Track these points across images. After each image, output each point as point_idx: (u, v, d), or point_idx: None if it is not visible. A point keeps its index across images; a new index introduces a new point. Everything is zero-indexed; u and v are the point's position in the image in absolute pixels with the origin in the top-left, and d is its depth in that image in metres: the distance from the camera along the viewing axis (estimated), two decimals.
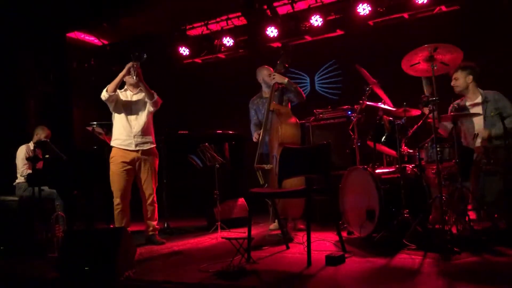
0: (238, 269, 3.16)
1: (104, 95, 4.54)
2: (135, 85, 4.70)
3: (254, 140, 5.23)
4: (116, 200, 4.56)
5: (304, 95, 5.10)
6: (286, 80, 4.97)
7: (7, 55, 7.15)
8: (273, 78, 4.99)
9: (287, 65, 5.07)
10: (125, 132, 4.63)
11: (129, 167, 4.60)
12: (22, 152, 5.55)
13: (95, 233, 3.73)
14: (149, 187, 4.69)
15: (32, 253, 4.48)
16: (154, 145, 4.80)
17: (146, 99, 4.65)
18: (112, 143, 4.68)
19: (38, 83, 7.56)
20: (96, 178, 4.90)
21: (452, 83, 4.44)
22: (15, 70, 7.32)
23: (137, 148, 4.63)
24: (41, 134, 5.66)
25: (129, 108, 4.68)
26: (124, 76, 4.57)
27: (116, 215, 4.58)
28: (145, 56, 4.52)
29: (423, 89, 4.25)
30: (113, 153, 4.64)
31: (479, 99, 4.35)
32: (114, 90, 4.54)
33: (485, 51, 5.56)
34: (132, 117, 4.67)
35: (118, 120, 4.68)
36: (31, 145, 5.65)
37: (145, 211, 4.74)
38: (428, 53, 3.68)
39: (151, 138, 4.77)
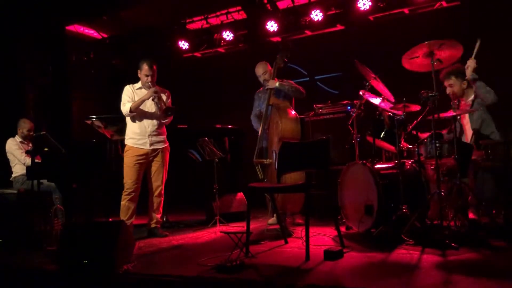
0: (236, 263, 3.16)
1: (127, 113, 4.66)
2: (152, 85, 4.71)
3: (256, 129, 5.25)
4: (127, 191, 4.63)
5: (304, 91, 5.09)
6: (277, 84, 4.99)
7: (6, 48, 7.13)
8: (267, 85, 5.05)
9: (286, 60, 5.08)
10: (140, 131, 4.71)
11: (142, 160, 4.70)
12: (12, 145, 5.53)
13: (94, 226, 3.73)
14: (158, 179, 4.79)
15: (30, 246, 4.48)
16: (167, 144, 4.90)
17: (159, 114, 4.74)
18: (126, 142, 4.76)
19: (37, 76, 7.54)
20: (95, 171, 4.89)
21: (448, 91, 4.37)
22: (14, 63, 7.31)
23: (152, 147, 4.74)
24: (23, 127, 5.64)
25: (144, 108, 4.73)
26: (145, 100, 4.66)
27: (122, 206, 4.63)
28: (174, 110, 4.71)
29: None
30: (127, 147, 4.73)
31: (472, 97, 4.36)
32: (136, 109, 4.66)
33: (485, 47, 5.53)
34: (147, 116, 4.75)
35: (133, 119, 4.74)
36: (17, 138, 5.63)
37: (151, 202, 4.82)
38: (430, 49, 3.67)
39: (164, 137, 4.87)
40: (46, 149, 4.98)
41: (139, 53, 7.66)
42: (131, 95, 4.73)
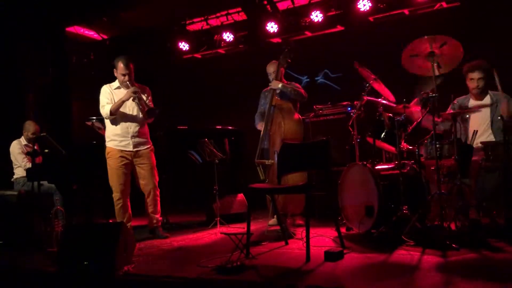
0: (237, 265, 3.16)
1: (107, 115, 4.52)
2: (130, 84, 4.58)
3: (258, 128, 5.25)
4: (117, 196, 4.55)
5: (306, 95, 5.10)
6: (280, 85, 4.99)
7: (6, 49, 7.14)
8: (270, 85, 5.06)
9: (289, 60, 5.10)
10: (121, 133, 4.58)
11: (127, 161, 4.59)
12: (16, 148, 5.55)
13: (94, 228, 3.74)
14: (150, 182, 4.70)
15: (31, 247, 4.49)
16: (151, 144, 4.79)
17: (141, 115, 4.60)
18: (108, 144, 4.62)
19: (37, 77, 7.55)
20: (95, 173, 4.89)
21: (473, 84, 4.31)
22: (14, 64, 7.31)
23: (135, 149, 4.63)
24: (28, 130, 5.64)
25: (125, 108, 4.60)
26: (125, 101, 4.51)
27: (117, 211, 4.58)
28: (157, 111, 4.56)
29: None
30: (109, 149, 4.60)
31: (487, 100, 4.33)
32: (116, 111, 4.53)
33: (486, 47, 5.54)
34: (128, 117, 4.62)
35: (113, 121, 4.60)
36: (22, 140, 5.64)
37: (148, 205, 4.75)
38: (431, 45, 3.68)
39: (147, 138, 4.77)
40: (46, 150, 4.99)
41: (139, 54, 7.67)
42: (109, 96, 4.58)
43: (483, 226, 3.79)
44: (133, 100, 4.51)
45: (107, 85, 4.69)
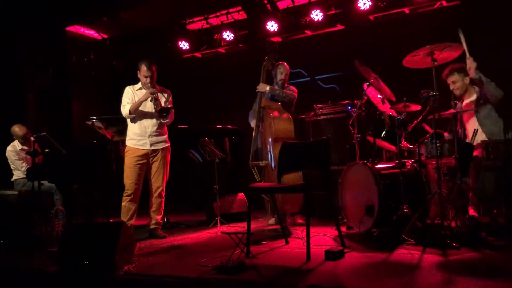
0: (237, 264, 3.16)
1: (126, 115, 4.66)
2: (151, 86, 4.68)
3: (252, 125, 5.28)
4: (127, 192, 4.62)
5: (295, 94, 5.12)
6: (267, 88, 5.05)
7: (6, 49, 7.14)
8: (257, 88, 5.11)
9: (274, 61, 5.13)
10: (140, 132, 4.69)
11: (143, 161, 4.68)
12: (11, 154, 5.54)
13: (94, 227, 3.74)
14: (158, 180, 4.76)
15: (31, 247, 4.48)
16: (168, 144, 4.87)
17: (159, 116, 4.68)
18: (127, 143, 4.74)
19: (37, 77, 7.55)
20: (95, 173, 4.89)
21: (452, 87, 4.44)
22: (15, 64, 7.31)
23: (152, 148, 4.71)
24: (17, 136, 5.62)
25: (145, 108, 4.70)
26: (143, 101, 4.62)
27: (123, 207, 4.62)
28: (168, 111, 4.64)
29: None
30: (127, 148, 4.73)
31: (474, 97, 4.37)
32: (135, 111, 4.64)
33: (486, 46, 5.54)
34: (147, 117, 4.72)
35: (133, 120, 4.73)
36: (17, 144, 5.62)
37: (151, 203, 4.80)
38: (433, 51, 3.69)
39: (165, 137, 4.84)
40: (46, 150, 4.98)
41: (139, 53, 7.67)
42: (131, 97, 4.71)
43: (484, 225, 3.79)
44: (150, 100, 4.61)
45: (130, 86, 4.80)
